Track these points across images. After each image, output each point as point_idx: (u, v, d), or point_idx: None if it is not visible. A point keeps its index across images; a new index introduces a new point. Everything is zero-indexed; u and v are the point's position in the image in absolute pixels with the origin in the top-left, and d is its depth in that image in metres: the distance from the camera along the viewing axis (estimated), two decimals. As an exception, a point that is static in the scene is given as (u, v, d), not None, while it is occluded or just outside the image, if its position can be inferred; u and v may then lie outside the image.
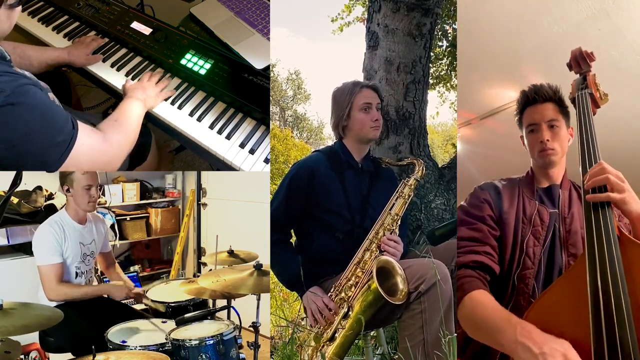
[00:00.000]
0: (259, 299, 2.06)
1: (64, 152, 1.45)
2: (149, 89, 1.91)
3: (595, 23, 2.44)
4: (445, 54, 4.95)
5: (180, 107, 1.96)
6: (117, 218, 3.48)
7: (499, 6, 2.57)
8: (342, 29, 5.05)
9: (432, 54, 3.57)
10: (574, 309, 1.19)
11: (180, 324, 2.04)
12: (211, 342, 1.90)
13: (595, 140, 1.44)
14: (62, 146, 1.45)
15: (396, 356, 1.64)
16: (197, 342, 1.89)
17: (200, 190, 3.73)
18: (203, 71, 2.01)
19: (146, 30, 2.16)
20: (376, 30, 2.57)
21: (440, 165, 2.70)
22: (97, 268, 2.62)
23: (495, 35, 2.70)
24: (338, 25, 5.04)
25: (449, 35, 4.77)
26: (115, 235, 3.42)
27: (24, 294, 2.03)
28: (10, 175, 1.61)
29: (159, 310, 2.42)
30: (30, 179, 2.96)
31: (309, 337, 1.75)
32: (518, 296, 1.47)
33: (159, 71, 2.06)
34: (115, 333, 2.03)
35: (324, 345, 1.68)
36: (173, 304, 2.40)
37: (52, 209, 2.87)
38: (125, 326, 2.11)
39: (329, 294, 1.77)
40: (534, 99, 1.62)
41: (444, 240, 1.87)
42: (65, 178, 2.23)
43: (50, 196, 3.03)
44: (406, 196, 1.86)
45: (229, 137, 1.89)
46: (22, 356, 2.67)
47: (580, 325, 1.14)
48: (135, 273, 3.60)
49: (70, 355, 2.12)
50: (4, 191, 2.74)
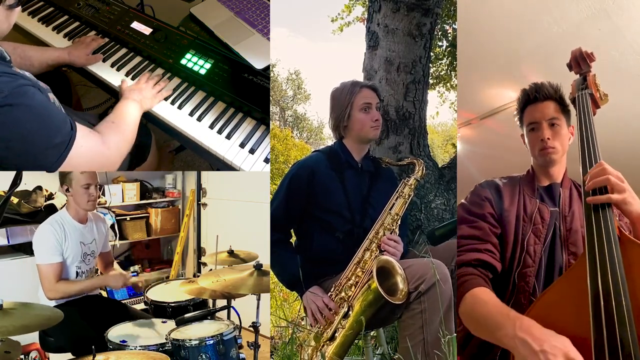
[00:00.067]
0: (259, 299, 2.06)
1: (62, 154, 1.45)
2: (146, 90, 1.91)
3: (595, 23, 2.44)
4: (445, 54, 4.95)
5: (180, 107, 1.96)
6: (117, 218, 3.47)
7: (499, 6, 2.57)
8: (342, 29, 5.05)
9: (432, 54, 3.57)
10: (574, 308, 1.19)
11: (180, 324, 2.04)
12: (211, 342, 1.90)
13: (595, 140, 1.44)
14: (60, 147, 1.45)
15: (396, 356, 1.64)
16: (197, 342, 1.89)
17: (200, 190, 3.72)
18: (203, 71, 2.01)
19: (146, 30, 2.16)
20: (376, 30, 2.57)
21: (440, 165, 2.70)
22: (98, 268, 2.62)
23: (495, 35, 2.70)
24: (338, 25, 5.05)
25: (449, 35, 4.77)
26: (115, 235, 3.42)
27: (24, 294, 2.03)
28: (10, 175, 1.61)
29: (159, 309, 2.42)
30: (30, 179, 2.96)
31: (309, 337, 1.74)
32: (519, 294, 1.48)
33: (159, 71, 2.07)
34: (115, 333, 2.03)
35: (324, 345, 1.68)
36: (173, 304, 2.41)
37: (52, 209, 2.87)
38: (125, 326, 2.11)
39: (329, 293, 1.77)
40: (534, 97, 1.62)
41: (444, 240, 1.87)
42: (65, 178, 2.23)
43: (50, 196, 3.03)
44: (406, 196, 1.86)
45: (229, 137, 1.89)
46: (22, 356, 2.67)
47: (580, 325, 1.15)
48: (135, 273, 3.61)
49: (70, 355, 2.12)
50: (4, 191, 2.73)
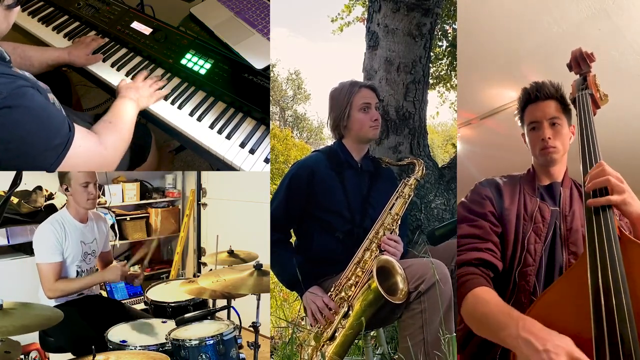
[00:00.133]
0: (259, 299, 2.06)
1: (60, 155, 1.45)
2: (143, 89, 1.91)
3: (595, 23, 2.44)
4: (445, 54, 4.95)
5: (180, 107, 1.96)
6: (117, 218, 3.47)
7: (499, 6, 2.57)
8: (342, 29, 5.05)
9: (432, 54, 3.57)
10: (574, 307, 1.19)
11: (180, 324, 2.04)
12: (211, 342, 1.90)
13: (595, 140, 1.44)
14: (59, 149, 1.45)
15: (396, 356, 1.64)
16: (197, 342, 1.89)
17: (200, 190, 3.72)
18: (203, 71, 2.01)
19: (146, 30, 2.16)
20: (376, 30, 2.57)
21: (440, 165, 2.70)
22: (98, 268, 2.62)
23: (495, 35, 2.70)
24: (338, 25, 5.04)
25: (449, 35, 4.77)
26: (115, 235, 3.42)
27: (24, 294, 2.03)
28: (10, 175, 1.61)
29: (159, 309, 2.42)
30: (30, 179, 2.96)
31: (309, 337, 1.74)
32: (519, 293, 1.47)
33: (159, 71, 2.06)
34: (115, 333, 2.03)
35: (324, 345, 1.68)
36: (173, 304, 2.40)
37: (52, 209, 2.87)
38: (125, 326, 2.11)
39: (329, 293, 1.77)
40: (535, 96, 1.61)
41: (444, 240, 1.87)
42: (63, 177, 2.23)
43: (50, 196, 3.03)
44: (406, 196, 1.86)
45: (229, 137, 1.89)
46: (22, 356, 2.67)
47: (581, 324, 1.15)
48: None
49: (70, 355, 2.12)
50: (4, 191, 2.73)
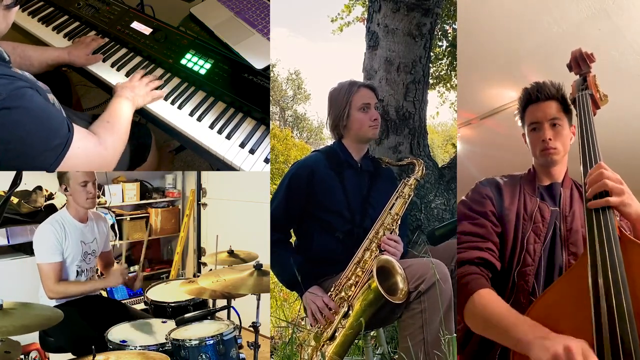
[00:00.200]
0: (259, 299, 2.06)
1: (60, 155, 1.45)
2: (138, 87, 1.91)
3: (595, 23, 2.44)
4: (445, 54, 4.95)
5: (180, 107, 1.96)
6: (117, 218, 3.48)
7: (499, 6, 2.57)
8: (342, 29, 5.05)
9: (432, 54, 3.57)
10: (575, 308, 1.19)
11: (180, 324, 2.04)
12: (211, 342, 1.90)
13: (595, 141, 1.44)
14: (58, 149, 1.45)
15: (396, 356, 1.64)
16: (197, 342, 1.89)
17: (200, 190, 3.72)
18: (203, 71, 2.01)
19: (146, 30, 2.16)
20: (376, 30, 2.57)
21: (440, 165, 2.70)
22: (98, 268, 2.62)
23: (495, 35, 2.70)
24: (338, 25, 5.04)
25: (449, 35, 4.77)
26: (115, 235, 3.42)
27: (24, 294, 2.03)
28: (10, 175, 1.62)
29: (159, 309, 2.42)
30: (30, 179, 2.96)
31: (309, 337, 1.74)
32: (518, 293, 1.47)
33: (159, 71, 2.06)
34: (115, 333, 2.03)
35: (324, 345, 1.68)
36: (173, 304, 2.40)
37: (52, 209, 2.87)
38: (125, 326, 2.11)
39: (329, 293, 1.77)
40: (536, 97, 1.61)
41: (444, 240, 1.87)
42: (62, 177, 2.24)
43: (50, 196, 3.03)
44: (406, 196, 1.86)
45: (229, 137, 1.89)
46: (22, 356, 2.67)
47: (581, 325, 1.15)
48: (135, 273, 3.59)
49: (70, 355, 2.12)
50: (4, 191, 2.74)
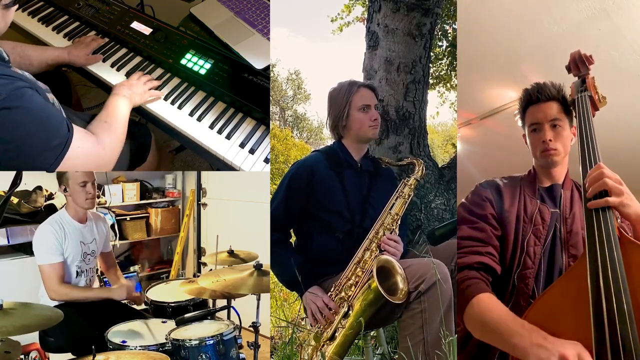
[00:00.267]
0: (259, 299, 2.06)
1: (59, 155, 1.46)
2: (136, 86, 1.91)
3: (595, 23, 2.44)
4: (445, 54, 4.94)
5: (180, 107, 1.96)
6: (117, 218, 3.47)
7: (499, 6, 2.57)
8: (342, 29, 5.04)
9: (432, 54, 3.57)
10: (574, 309, 1.19)
11: (180, 324, 2.04)
12: (211, 342, 1.90)
13: (595, 142, 1.44)
14: (58, 149, 1.45)
15: (396, 356, 1.64)
16: (197, 342, 1.89)
17: (200, 190, 3.72)
18: (203, 71, 2.01)
19: (146, 30, 2.16)
20: (376, 30, 2.57)
21: (440, 165, 2.70)
22: (98, 268, 2.62)
23: (495, 35, 2.70)
24: (338, 25, 5.03)
25: (449, 35, 4.76)
26: (115, 235, 3.42)
27: (24, 294, 2.03)
28: (10, 175, 1.62)
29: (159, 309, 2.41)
30: (30, 179, 2.96)
31: (309, 337, 1.74)
32: (518, 296, 1.47)
33: (159, 71, 2.06)
34: (115, 333, 2.03)
35: (324, 345, 1.68)
36: (173, 304, 2.40)
37: (52, 209, 2.87)
38: (125, 326, 2.11)
39: (329, 293, 1.77)
40: (536, 97, 1.60)
41: (444, 240, 1.87)
42: (62, 177, 2.24)
43: (50, 196, 3.03)
44: (406, 196, 1.86)
45: (229, 137, 1.89)
46: (22, 356, 2.67)
47: (580, 325, 1.15)
48: (135, 273, 3.60)
49: (70, 355, 2.12)
50: (4, 191, 2.73)
